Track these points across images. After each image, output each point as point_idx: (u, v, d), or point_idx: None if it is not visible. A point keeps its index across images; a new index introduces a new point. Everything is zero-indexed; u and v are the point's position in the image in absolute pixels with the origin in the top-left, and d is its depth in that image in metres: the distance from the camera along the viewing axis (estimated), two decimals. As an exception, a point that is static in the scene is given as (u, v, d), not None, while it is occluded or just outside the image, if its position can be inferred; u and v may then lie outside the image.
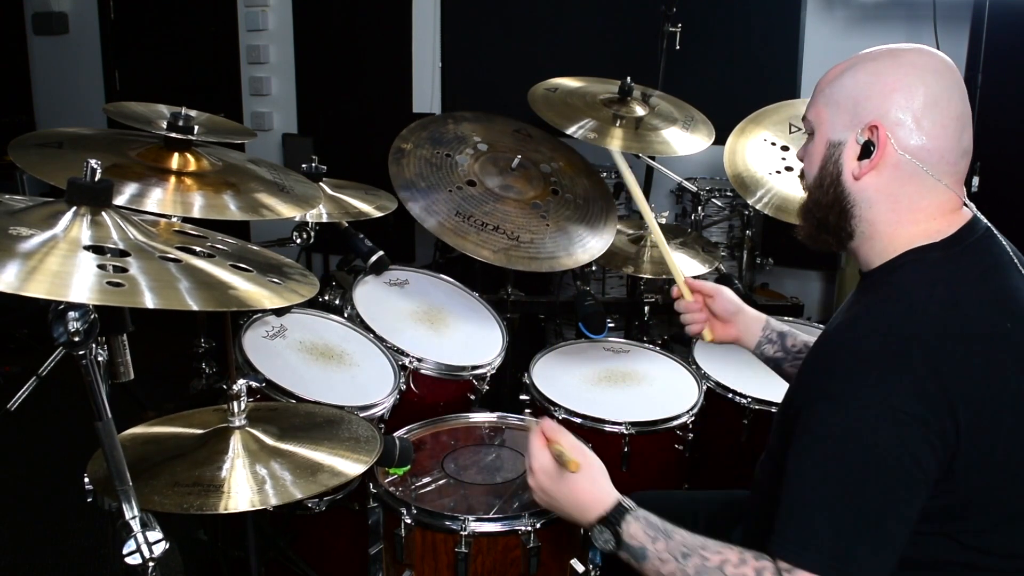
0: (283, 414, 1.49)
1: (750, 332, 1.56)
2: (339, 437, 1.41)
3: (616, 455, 1.94)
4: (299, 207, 1.60)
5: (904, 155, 1.11)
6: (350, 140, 4.23)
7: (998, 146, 2.81)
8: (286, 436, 1.36)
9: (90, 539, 2.47)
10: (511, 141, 2.48)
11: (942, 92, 1.11)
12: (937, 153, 1.11)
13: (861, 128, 1.13)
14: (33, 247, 0.91)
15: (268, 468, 1.27)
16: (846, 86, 1.15)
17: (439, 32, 3.96)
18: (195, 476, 1.23)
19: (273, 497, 1.21)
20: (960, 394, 1.00)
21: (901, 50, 1.14)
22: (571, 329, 3.04)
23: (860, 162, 1.13)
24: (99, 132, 1.70)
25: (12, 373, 3.29)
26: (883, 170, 1.12)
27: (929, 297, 1.06)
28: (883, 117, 1.11)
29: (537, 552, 1.46)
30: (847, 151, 1.14)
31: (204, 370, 2.63)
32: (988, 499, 1.06)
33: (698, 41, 3.13)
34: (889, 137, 1.10)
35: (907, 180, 1.12)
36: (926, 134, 1.10)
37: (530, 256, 2.14)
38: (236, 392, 1.34)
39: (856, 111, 1.13)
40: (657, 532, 1.14)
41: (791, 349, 1.54)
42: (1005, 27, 2.75)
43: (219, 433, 1.33)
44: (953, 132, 1.11)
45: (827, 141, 1.17)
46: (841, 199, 1.16)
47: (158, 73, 4.71)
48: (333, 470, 1.30)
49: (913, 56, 1.13)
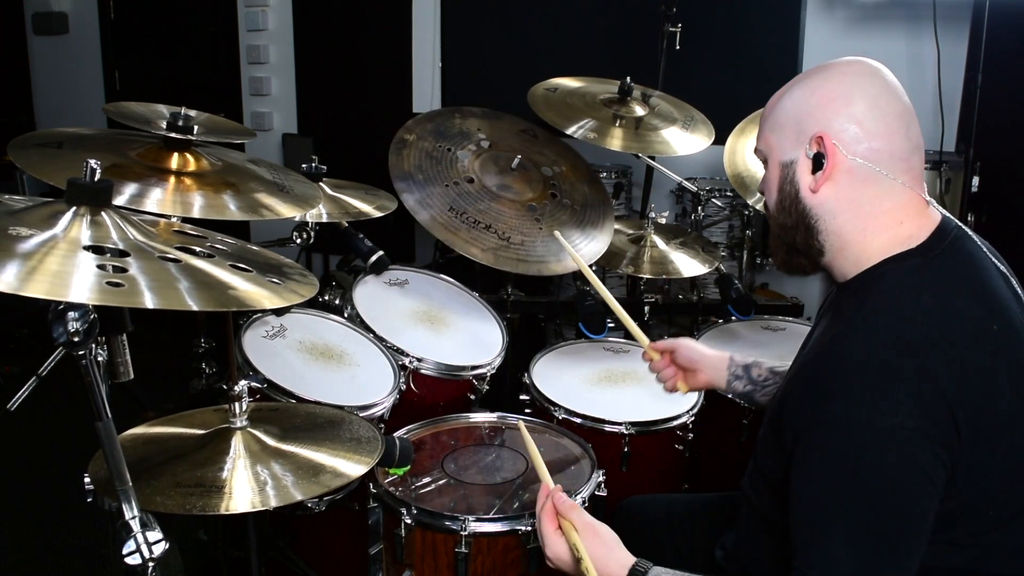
0: (284, 415, 1.49)
1: (717, 372, 1.58)
2: (340, 438, 1.41)
3: (616, 455, 1.94)
4: (299, 207, 1.60)
5: (855, 159, 1.12)
6: (350, 140, 4.23)
7: (998, 146, 2.81)
8: (287, 437, 1.36)
9: (90, 539, 2.47)
10: (515, 141, 2.47)
11: (879, 93, 1.13)
12: (887, 152, 1.12)
13: (808, 142, 1.14)
14: (33, 247, 0.91)
15: (269, 469, 1.27)
16: (786, 108, 1.18)
17: (439, 32, 3.96)
18: (197, 477, 1.23)
19: (274, 498, 1.21)
20: (957, 399, 1.00)
21: (832, 64, 1.17)
22: (571, 329, 3.04)
23: (814, 175, 1.15)
24: (99, 132, 1.70)
25: (12, 373, 3.29)
26: (838, 178, 1.13)
27: (916, 306, 1.06)
28: (827, 127, 1.12)
29: (537, 552, 1.46)
30: (800, 168, 1.16)
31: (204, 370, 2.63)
32: (985, 502, 1.06)
33: (698, 41, 3.13)
34: (836, 144, 1.12)
35: (863, 184, 1.12)
36: (872, 135, 1.11)
37: (519, 258, 2.14)
38: (238, 393, 1.34)
39: (800, 128, 1.15)
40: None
41: (758, 379, 1.55)
42: (1005, 27, 2.75)
43: (220, 434, 1.33)
44: (898, 129, 1.12)
45: (780, 164, 1.19)
46: (804, 216, 1.17)
47: (158, 73, 4.71)
48: (335, 471, 1.30)
49: (843, 66, 1.16)
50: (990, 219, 2.86)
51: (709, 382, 1.59)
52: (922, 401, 0.99)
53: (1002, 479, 1.05)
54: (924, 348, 1.02)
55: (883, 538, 1.00)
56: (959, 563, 1.08)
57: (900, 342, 1.03)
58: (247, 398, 1.35)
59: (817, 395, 1.07)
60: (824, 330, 1.21)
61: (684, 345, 1.59)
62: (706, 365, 1.58)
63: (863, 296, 1.13)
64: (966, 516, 1.06)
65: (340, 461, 1.32)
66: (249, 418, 1.35)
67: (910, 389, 0.99)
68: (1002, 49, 2.77)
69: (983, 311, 1.07)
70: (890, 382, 1.00)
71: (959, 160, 2.86)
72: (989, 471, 1.04)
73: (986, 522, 1.07)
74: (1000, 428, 1.03)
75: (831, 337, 1.13)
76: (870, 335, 1.06)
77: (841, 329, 1.12)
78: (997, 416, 1.03)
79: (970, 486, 1.03)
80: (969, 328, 1.05)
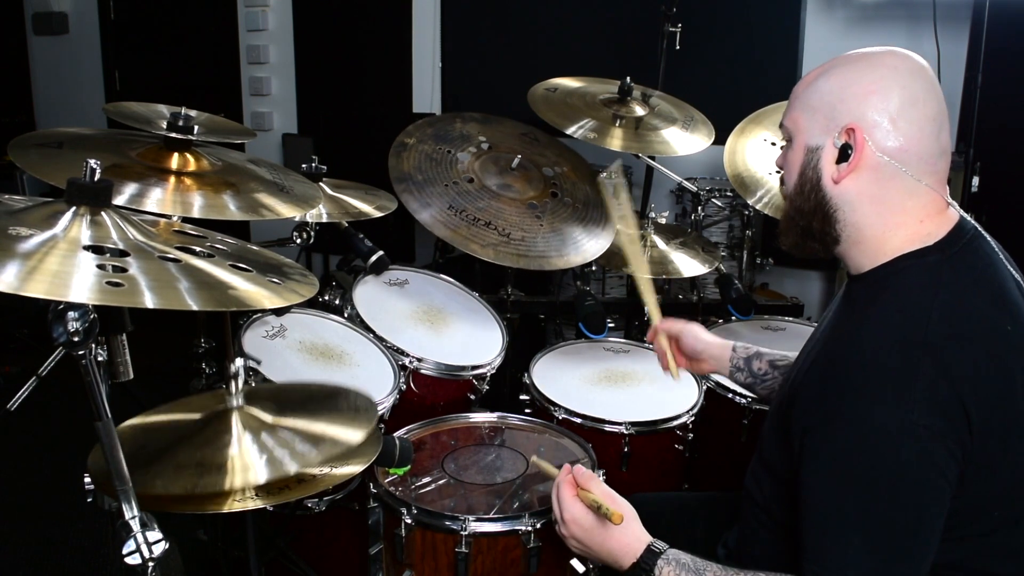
0: (280, 392, 1.48)
1: (720, 362, 1.60)
2: (338, 408, 1.39)
3: (616, 455, 1.94)
4: (299, 207, 1.60)
5: (883, 157, 1.10)
6: (350, 140, 4.23)
7: (998, 146, 2.81)
8: (285, 411, 1.35)
9: (90, 539, 2.47)
10: (516, 143, 2.48)
11: (918, 93, 1.10)
12: (915, 154, 1.10)
13: (838, 131, 1.12)
14: (33, 247, 0.91)
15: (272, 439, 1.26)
16: (821, 90, 1.15)
17: (439, 32, 3.96)
18: (197, 457, 1.21)
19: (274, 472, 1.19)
20: (971, 396, 1.00)
21: (875, 53, 1.14)
22: (571, 329, 3.03)
23: (839, 166, 1.13)
24: (99, 132, 1.70)
25: (12, 373, 3.29)
26: (862, 173, 1.12)
27: (932, 302, 1.05)
28: (860, 119, 1.10)
29: (537, 552, 1.46)
30: (825, 155, 1.14)
31: (204, 370, 2.63)
32: (992, 502, 1.06)
33: (698, 41, 3.13)
34: (867, 139, 1.10)
35: (887, 182, 1.11)
36: (903, 135, 1.10)
37: (519, 253, 2.14)
38: (234, 372, 1.32)
39: (832, 115, 1.13)
40: (690, 572, 1.15)
41: (758, 373, 1.56)
42: (1005, 27, 2.75)
43: (218, 415, 1.32)
44: (930, 132, 1.11)
45: (805, 147, 1.17)
46: (823, 204, 1.16)
47: (158, 73, 4.71)
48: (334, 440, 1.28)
49: (888, 58, 1.13)
50: (990, 219, 2.85)
51: (713, 370, 1.62)
52: (938, 398, 0.99)
53: (1011, 479, 1.05)
54: (940, 345, 1.01)
55: (899, 535, 1.00)
56: (961, 561, 1.08)
57: (916, 339, 1.02)
58: (243, 376, 1.34)
59: (831, 390, 1.07)
60: (837, 322, 1.20)
61: (689, 334, 1.60)
62: (708, 355, 1.60)
63: (879, 290, 1.12)
64: (972, 514, 1.05)
65: (340, 429, 1.31)
66: (245, 397, 1.34)
67: (926, 386, 0.99)
68: (1002, 49, 2.77)
69: (999, 310, 1.07)
70: (906, 379, 1.00)
71: (959, 160, 2.85)
72: (998, 471, 1.04)
73: (992, 522, 1.07)
74: (1012, 428, 1.03)
75: (845, 330, 1.13)
76: (886, 330, 1.06)
77: (856, 323, 1.11)
78: (1010, 415, 1.03)
79: (978, 484, 1.03)
80: (985, 326, 1.05)
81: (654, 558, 1.17)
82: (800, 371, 1.22)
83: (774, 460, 1.19)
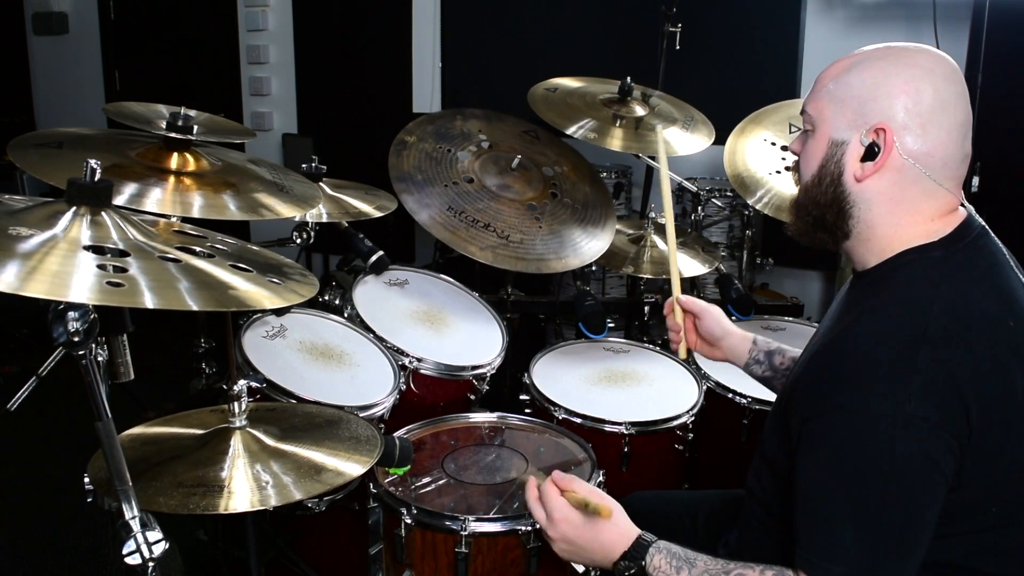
0: (283, 415, 1.49)
1: (737, 353, 1.56)
2: (339, 437, 1.41)
3: (616, 455, 1.94)
4: (299, 207, 1.60)
5: (908, 160, 1.09)
6: (350, 140, 4.23)
7: (998, 146, 2.81)
8: (286, 437, 1.36)
9: (90, 539, 2.47)
10: (517, 142, 2.47)
11: (949, 97, 1.09)
12: (940, 158, 1.09)
13: (866, 130, 1.10)
14: (33, 247, 0.91)
15: (269, 468, 1.27)
16: (852, 84, 1.12)
17: (439, 32, 3.96)
18: (198, 476, 1.23)
19: (275, 498, 1.21)
20: (970, 391, 0.99)
21: (909, 50, 1.12)
22: (571, 329, 3.03)
23: (863, 164, 1.11)
24: (99, 132, 1.70)
25: (12, 373, 3.28)
26: (885, 173, 1.10)
27: (933, 296, 1.05)
28: (890, 119, 1.08)
29: (537, 552, 1.46)
30: (850, 152, 1.12)
31: (204, 370, 2.63)
32: (989, 499, 1.06)
33: (698, 41, 3.13)
34: (895, 141, 1.08)
35: (909, 184, 1.10)
36: (931, 139, 1.08)
37: (517, 256, 2.14)
38: (237, 393, 1.34)
39: (862, 111, 1.11)
40: (680, 561, 1.15)
41: (779, 367, 1.54)
42: (1005, 27, 2.75)
43: (220, 434, 1.33)
44: (956, 138, 1.10)
45: (829, 139, 1.14)
46: (840, 199, 1.15)
47: (158, 73, 4.71)
48: (335, 470, 1.29)
49: (921, 58, 1.10)
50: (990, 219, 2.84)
51: (725, 359, 1.57)
52: (935, 391, 0.99)
53: (1008, 477, 1.05)
54: (940, 338, 1.01)
55: (891, 527, 1.00)
56: (956, 559, 1.08)
57: (916, 331, 1.02)
58: (246, 398, 1.35)
59: (829, 381, 1.06)
60: (839, 316, 1.20)
61: (711, 315, 1.56)
62: (727, 344, 1.56)
63: (882, 284, 1.12)
64: (969, 512, 1.05)
65: (340, 461, 1.32)
66: (248, 418, 1.35)
67: (924, 379, 0.99)
68: (1002, 49, 2.77)
69: (1001, 306, 1.07)
70: (904, 371, 1.00)
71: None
72: (997, 467, 1.04)
73: (988, 519, 1.07)
74: (1011, 424, 1.03)
75: (846, 324, 1.12)
76: (886, 323, 1.05)
77: (857, 316, 1.11)
78: (1009, 411, 1.03)
79: (976, 481, 1.03)
80: (986, 322, 1.05)
81: (645, 547, 1.17)
82: (801, 364, 1.22)
83: (775, 455, 1.19)
